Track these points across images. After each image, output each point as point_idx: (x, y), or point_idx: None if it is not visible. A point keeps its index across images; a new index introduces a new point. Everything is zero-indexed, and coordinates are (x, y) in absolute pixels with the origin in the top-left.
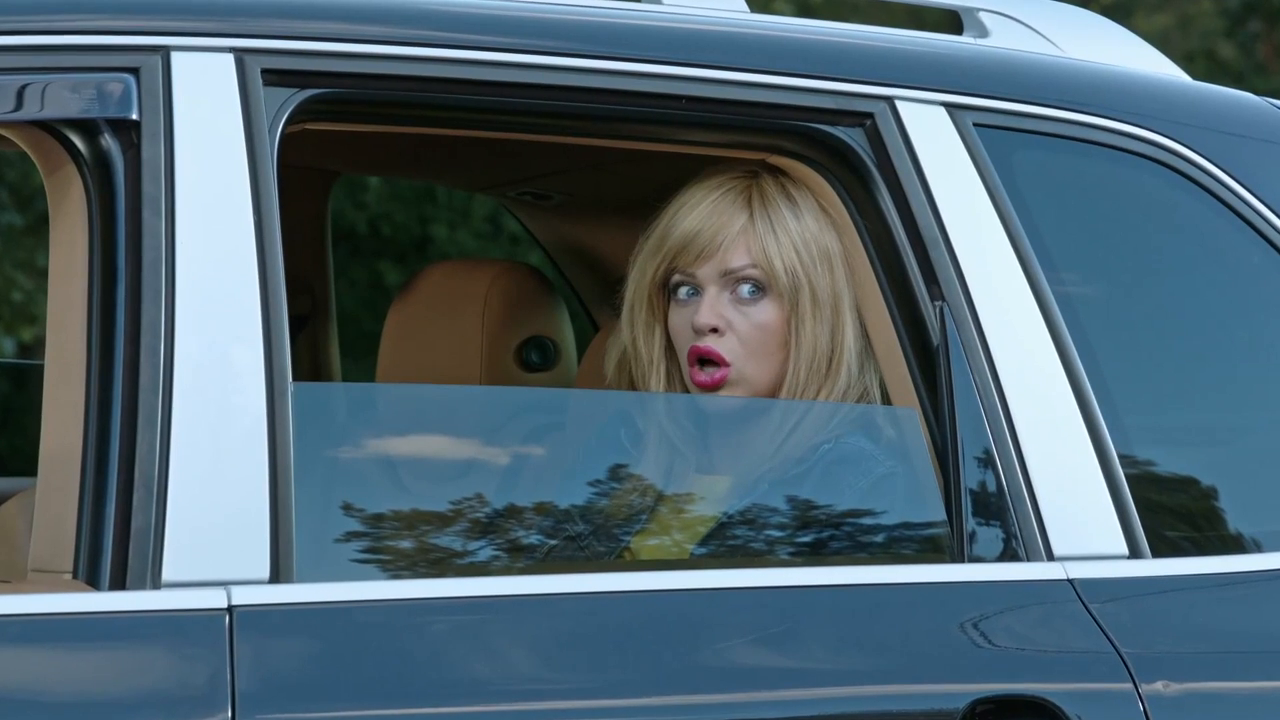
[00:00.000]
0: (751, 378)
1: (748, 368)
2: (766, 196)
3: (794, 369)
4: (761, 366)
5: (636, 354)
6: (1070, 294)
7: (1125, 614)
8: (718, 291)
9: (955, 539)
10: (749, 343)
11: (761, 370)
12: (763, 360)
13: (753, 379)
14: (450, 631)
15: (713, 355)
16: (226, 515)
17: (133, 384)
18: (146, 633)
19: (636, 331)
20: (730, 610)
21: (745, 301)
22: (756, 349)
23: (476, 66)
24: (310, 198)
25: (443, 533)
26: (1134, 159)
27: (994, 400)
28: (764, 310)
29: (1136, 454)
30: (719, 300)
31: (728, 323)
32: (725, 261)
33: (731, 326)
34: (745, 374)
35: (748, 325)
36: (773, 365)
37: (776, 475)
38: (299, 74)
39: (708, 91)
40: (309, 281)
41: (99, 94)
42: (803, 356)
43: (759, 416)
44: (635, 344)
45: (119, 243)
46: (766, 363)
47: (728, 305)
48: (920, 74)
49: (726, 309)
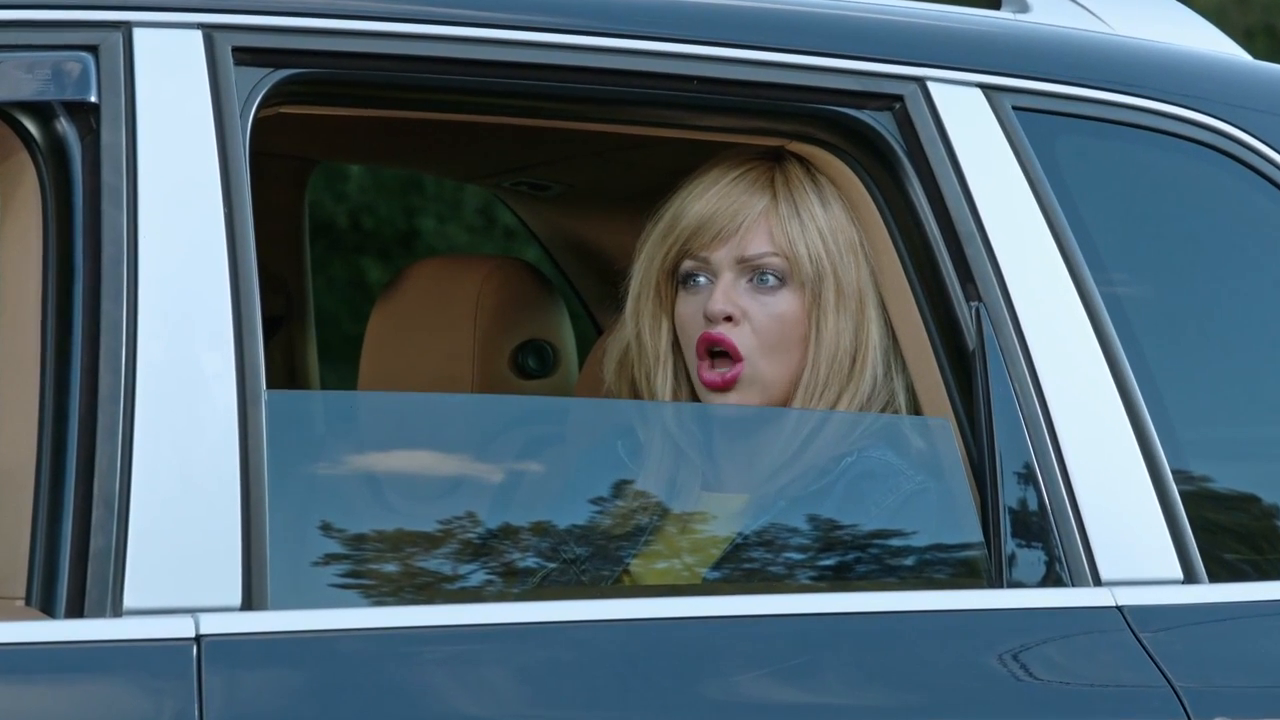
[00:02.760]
0: (765, 376)
1: (762, 364)
2: (791, 180)
3: (812, 366)
4: (777, 363)
5: (641, 349)
6: (1118, 293)
7: (1179, 644)
8: (733, 278)
9: (992, 562)
10: (765, 335)
11: (776, 368)
12: (778, 356)
13: (766, 377)
14: (439, 663)
15: (724, 344)
16: (194, 536)
17: (91, 392)
18: (106, 665)
19: (642, 323)
20: (744, 640)
21: (763, 290)
22: (773, 343)
23: (468, 44)
24: (286, 188)
25: (430, 555)
26: (1188, 145)
27: (1035, 409)
28: (783, 300)
29: (1192, 469)
30: (734, 287)
31: (743, 311)
32: (744, 246)
33: (747, 316)
34: (759, 371)
35: (764, 315)
36: (789, 362)
37: (795, 491)
38: (273, 52)
39: (720, 72)
40: (284, 279)
41: (54, 74)
42: (823, 353)
43: (775, 426)
44: (640, 337)
45: (76, 237)
46: (782, 359)
47: (743, 293)
48: (954, 52)
49: (742, 297)
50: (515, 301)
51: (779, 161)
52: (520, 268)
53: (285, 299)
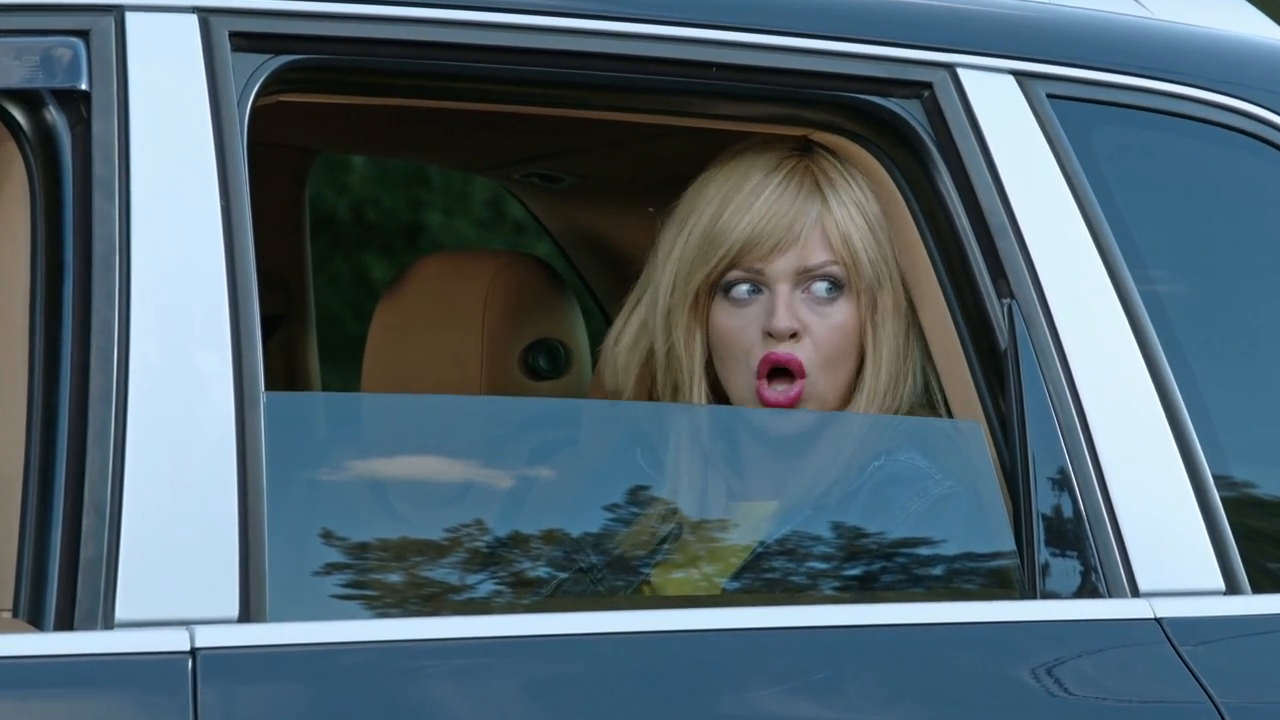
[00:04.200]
0: (822, 390)
1: (820, 379)
2: (831, 177)
3: (873, 376)
4: (834, 377)
5: (673, 360)
6: (1157, 290)
7: (1221, 658)
8: (790, 289)
9: (1025, 572)
10: (825, 349)
11: (832, 380)
12: (836, 369)
13: (823, 391)
14: (445, 678)
15: (793, 365)
16: (189, 545)
17: (82, 393)
18: (97, 680)
19: (675, 336)
20: (765, 653)
21: (821, 301)
22: (832, 355)
23: (476, 29)
24: (285, 180)
25: (437, 565)
26: (1231, 134)
27: (1070, 411)
28: (840, 310)
29: (1234, 474)
30: (793, 300)
31: (804, 326)
32: (805, 257)
33: (808, 330)
34: (817, 387)
35: (825, 328)
36: (844, 373)
37: (821, 498)
38: (272, 37)
39: (740, 58)
40: (284, 276)
41: (43, 61)
42: (884, 361)
43: (808, 431)
44: (673, 353)
45: (66, 232)
46: (839, 371)
47: (801, 305)
48: (985, 37)
49: (801, 309)
50: (525, 299)
51: (810, 156)
52: (531, 263)
53: (285, 297)
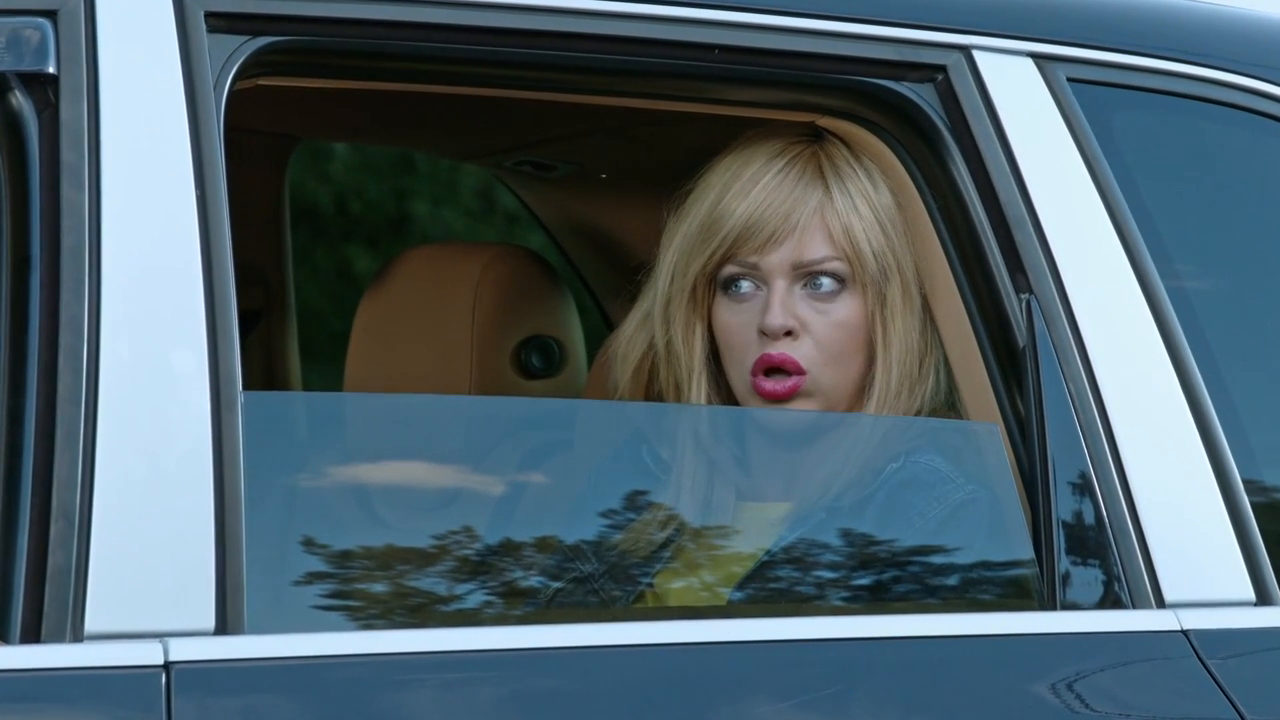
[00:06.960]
0: (827, 388)
1: (824, 376)
2: (839, 165)
3: (883, 374)
4: (839, 374)
5: (671, 357)
6: (1183, 285)
7: (1251, 672)
8: (787, 285)
9: (1045, 581)
10: (827, 347)
11: (839, 379)
12: (841, 366)
13: (828, 389)
14: (434, 692)
15: (789, 366)
16: (163, 553)
17: (50, 394)
18: (66, 695)
19: (674, 331)
20: (771, 667)
21: (822, 297)
22: (835, 354)
23: (465, 10)
24: (264, 168)
25: (424, 574)
26: (1260, 120)
27: (1092, 413)
28: (843, 306)
29: (1264, 479)
30: (790, 296)
31: (802, 324)
32: (801, 250)
33: (806, 328)
34: (820, 384)
35: (825, 325)
36: (852, 372)
37: (833, 502)
38: (250, 18)
39: (744, 39)
40: (263, 270)
41: (8, 43)
42: (894, 359)
43: (820, 433)
44: (671, 346)
45: (33, 222)
46: (846, 368)
47: (800, 302)
48: (1002, 18)
49: (799, 306)
50: (517, 293)
51: (817, 143)
52: (523, 256)
53: (264, 291)
